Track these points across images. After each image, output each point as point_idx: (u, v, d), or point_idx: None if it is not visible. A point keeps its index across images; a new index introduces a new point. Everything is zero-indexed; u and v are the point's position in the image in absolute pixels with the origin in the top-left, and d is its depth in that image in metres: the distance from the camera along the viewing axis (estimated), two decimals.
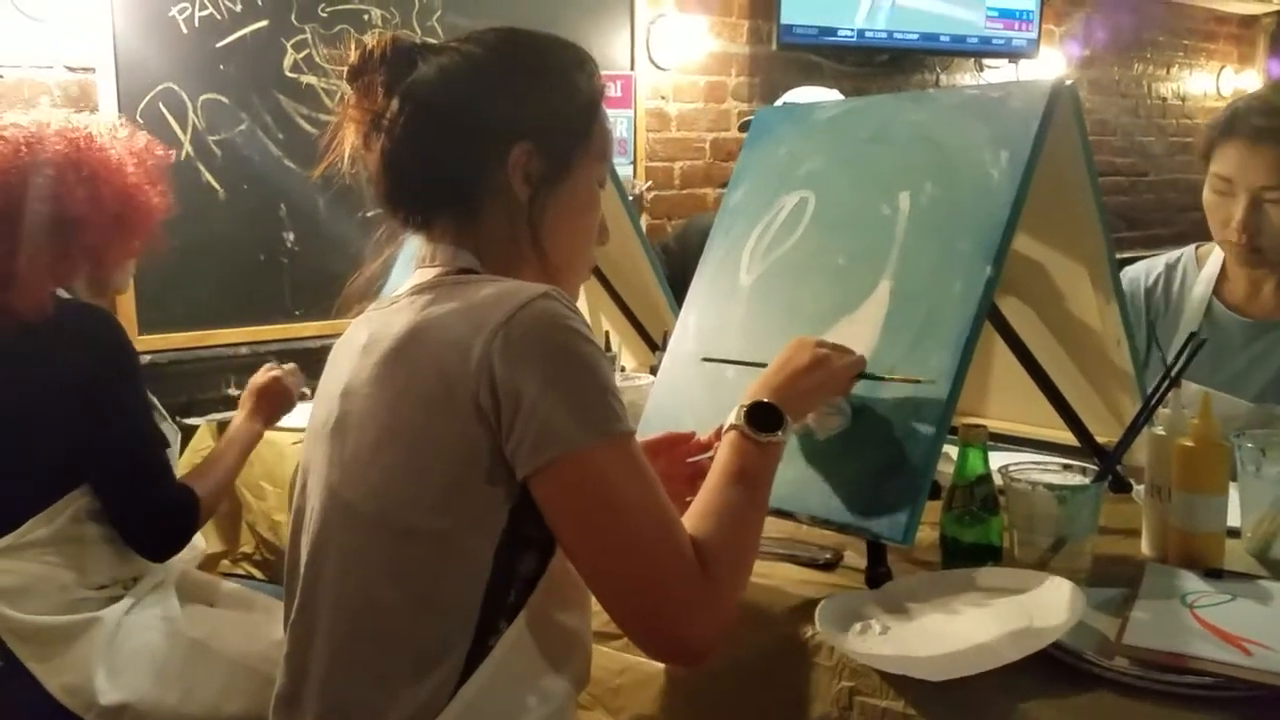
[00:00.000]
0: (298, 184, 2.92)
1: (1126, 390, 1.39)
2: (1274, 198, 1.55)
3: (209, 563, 1.99)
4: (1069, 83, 1.23)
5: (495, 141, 1.01)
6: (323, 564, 0.99)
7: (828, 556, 1.22)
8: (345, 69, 1.04)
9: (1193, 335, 1.13)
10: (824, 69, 4.01)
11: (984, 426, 1.15)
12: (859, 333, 1.24)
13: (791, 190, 1.41)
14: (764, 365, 1.15)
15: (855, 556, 1.22)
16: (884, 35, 4.08)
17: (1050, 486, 1.08)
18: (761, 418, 1.04)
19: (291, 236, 2.98)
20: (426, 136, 1.01)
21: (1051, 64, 4.67)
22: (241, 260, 2.91)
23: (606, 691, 1.20)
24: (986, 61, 4.52)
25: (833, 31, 3.94)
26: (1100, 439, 1.37)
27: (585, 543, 0.91)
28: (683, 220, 3.51)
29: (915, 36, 4.16)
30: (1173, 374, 1.13)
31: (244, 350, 2.89)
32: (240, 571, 2.07)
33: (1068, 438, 1.39)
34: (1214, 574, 1.10)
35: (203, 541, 1.81)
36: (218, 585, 1.78)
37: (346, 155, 1.04)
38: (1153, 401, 1.12)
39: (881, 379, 1.15)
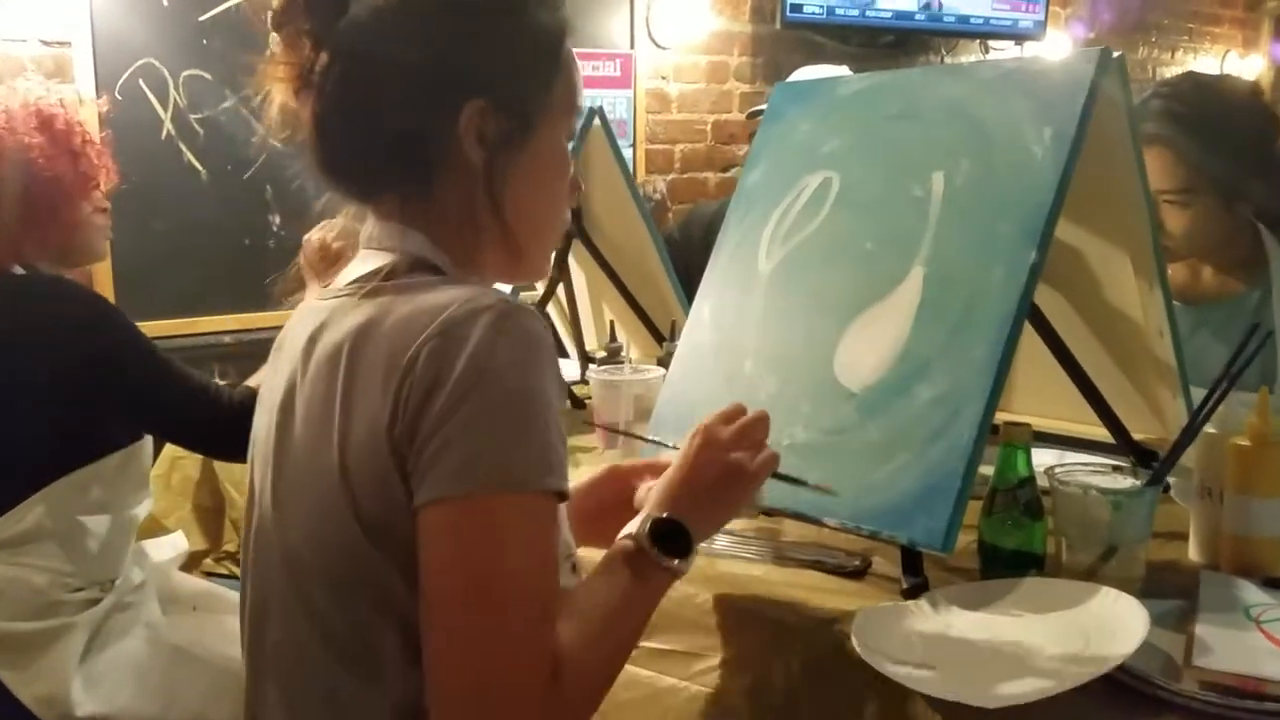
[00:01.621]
0: (284, 165, 2.82)
1: (1168, 384, 1.31)
2: (1168, 200, 1.54)
3: (191, 562, 1.91)
4: (1117, 54, 1.14)
5: (442, 99, 0.85)
6: (265, 626, 0.87)
7: (856, 563, 1.13)
8: (268, 14, 0.89)
9: (1255, 327, 1.05)
10: (827, 49, 3.91)
11: (1028, 425, 1.07)
12: (889, 323, 1.16)
13: (813, 170, 1.32)
14: (675, 447, 1.00)
15: (883, 563, 1.14)
16: (889, 15, 3.99)
17: (1103, 491, 1.00)
18: (669, 536, 0.88)
19: (277, 220, 2.89)
20: (360, 95, 0.86)
21: (1058, 46, 4.58)
22: (225, 244, 2.82)
23: (611, 707, 1.10)
24: (992, 43, 4.43)
25: (838, 11, 3.85)
26: (1137, 436, 1.30)
27: (441, 603, 0.76)
28: (685, 206, 3.42)
29: (921, 17, 4.07)
30: (1233, 369, 1.04)
31: (227, 339, 2.80)
32: (223, 571, 1.99)
33: (1099, 434, 1.31)
34: (1274, 583, 1.03)
35: (184, 541, 1.73)
36: (201, 587, 1.70)
37: (276, 117, 0.89)
38: (1211, 400, 1.04)
39: (797, 482, 1.04)
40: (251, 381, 1.60)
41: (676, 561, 0.87)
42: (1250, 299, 1.56)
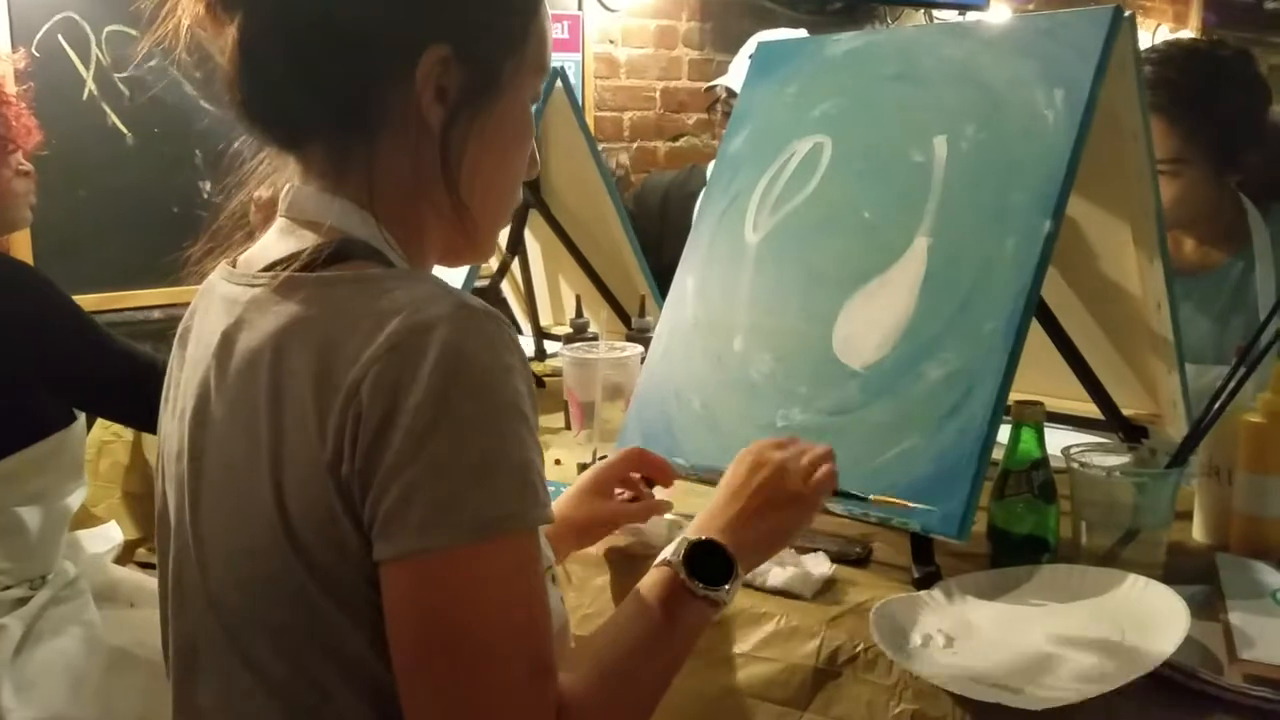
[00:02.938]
0: (215, 128, 2.66)
1: (1163, 358, 1.27)
2: (1159, 169, 1.46)
3: (125, 552, 1.79)
4: (1128, 13, 1.09)
5: (401, 44, 0.73)
6: (196, 679, 0.76)
7: (858, 550, 1.07)
8: None
9: None
10: (777, 15, 3.83)
11: (1040, 404, 1.02)
12: (892, 297, 1.10)
13: (804, 135, 1.25)
14: (711, 482, 0.92)
15: (884, 548, 1.09)
16: None
17: (1126, 472, 0.96)
18: (707, 562, 0.80)
19: (208, 186, 2.72)
20: (299, 25, 0.72)
21: (1000, 17, 4.57)
22: (153, 213, 2.64)
23: None
24: (936, 13, 4.40)
25: None
26: (1127, 411, 1.26)
27: (419, 667, 0.66)
28: (637, 176, 3.33)
29: None
30: (1255, 347, 1.01)
31: (156, 314, 2.63)
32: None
33: (1083, 409, 1.28)
34: None
35: (119, 532, 1.62)
36: (137, 581, 1.59)
37: (184, 32, 0.75)
38: (1234, 379, 1.00)
39: (860, 500, 0.99)
40: None
41: (724, 588, 0.79)
42: (1233, 270, 1.53)
